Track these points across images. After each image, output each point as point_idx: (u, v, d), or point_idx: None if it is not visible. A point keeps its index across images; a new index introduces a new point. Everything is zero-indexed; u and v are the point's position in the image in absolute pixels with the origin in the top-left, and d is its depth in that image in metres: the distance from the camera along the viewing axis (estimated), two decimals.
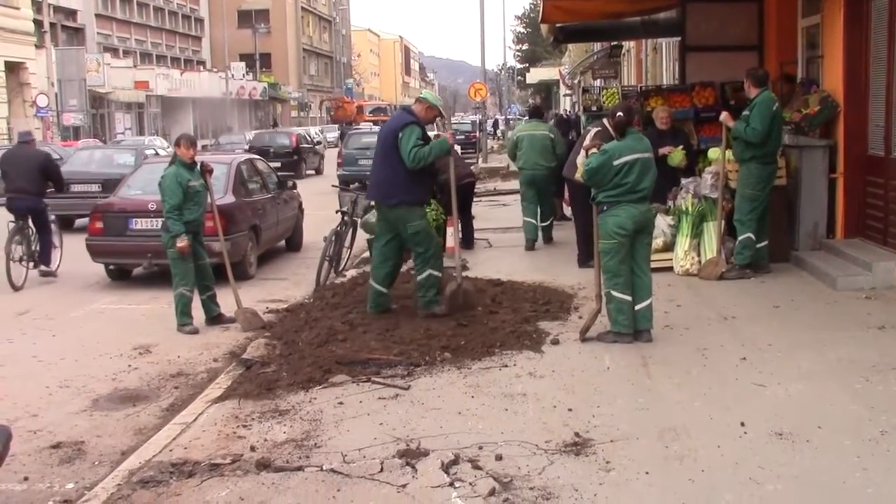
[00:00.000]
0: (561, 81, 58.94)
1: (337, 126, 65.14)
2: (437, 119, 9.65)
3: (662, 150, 11.20)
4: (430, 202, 12.73)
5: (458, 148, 32.37)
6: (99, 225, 12.64)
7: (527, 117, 19.10)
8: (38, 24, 42.98)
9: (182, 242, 9.68)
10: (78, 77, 43.09)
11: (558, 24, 17.43)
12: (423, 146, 8.75)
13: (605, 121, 11.26)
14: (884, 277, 9.61)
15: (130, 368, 8.50)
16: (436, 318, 8.86)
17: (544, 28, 19.35)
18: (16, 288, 12.55)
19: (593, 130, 10.71)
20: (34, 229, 13.36)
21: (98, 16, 55.66)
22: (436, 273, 9.10)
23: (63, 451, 6.38)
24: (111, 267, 13.01)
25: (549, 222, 14.14)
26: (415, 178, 8.84)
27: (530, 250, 13.44)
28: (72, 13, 52.09)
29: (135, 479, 5.48)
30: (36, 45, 42.85)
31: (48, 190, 13.93)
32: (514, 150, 14.26)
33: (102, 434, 6.76)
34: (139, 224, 12.49)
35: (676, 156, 11.49)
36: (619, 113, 8.05)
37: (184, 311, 9.87)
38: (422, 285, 9.10)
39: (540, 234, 13.80)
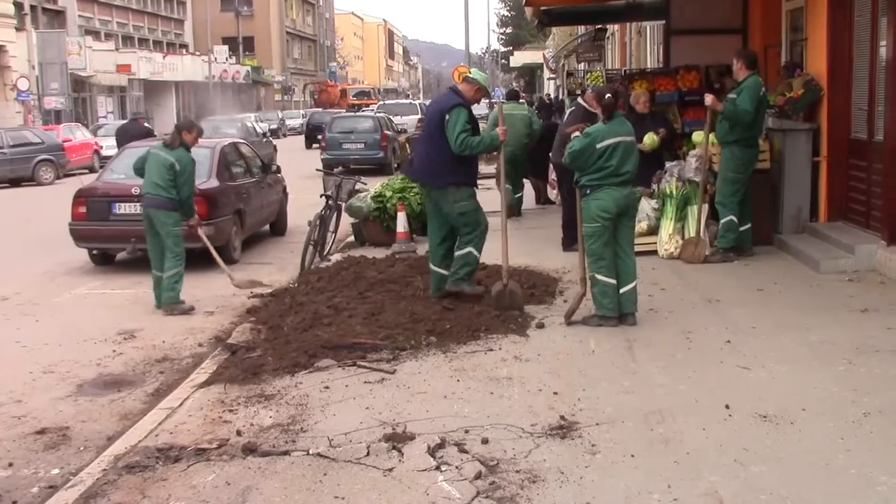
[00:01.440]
0: (545, 65, 58.90)
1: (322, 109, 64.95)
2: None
3: (640, 146, 11.23)
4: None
5: None
6: (82, 210, 12.56)
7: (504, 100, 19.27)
8: (18, 6, 42.59)
9: (196, 221, 10.36)
10: (59, 60, 42.77)
11: (543, 7, 17.41)
12: (471, 134, 8.54)
13: (579, 100, 11.28)
14: (866, 260, 9.66)
15: (115, 353, 8.47)
16: (455, 296, 8.80)
17: (529, 11, 19.35)
18: None
19: (569, 110, 10.73)
20: None
21: None
22: (475, 253, 8.88)
23: (48, 437, 6.36)
24: (94, 252, 12.94)
25: (520, 194, 15.29)
26: (462, 160, 8.64)
27: (515, 216, 14.30)
28: None
29: (121, 464, 5.47)
30: (16, 28, 42.43)
31: None
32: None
33: (87, 419, 6.75)
34: (122, 209, 12.40)
35: (647, 140, 11.43)
36: (609, 95, 8.05)
37: (180, 290, 10.01)
38: (458, 260, 8.88)
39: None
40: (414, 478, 5.02)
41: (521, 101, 17.48)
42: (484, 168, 25.43)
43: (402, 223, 12.24)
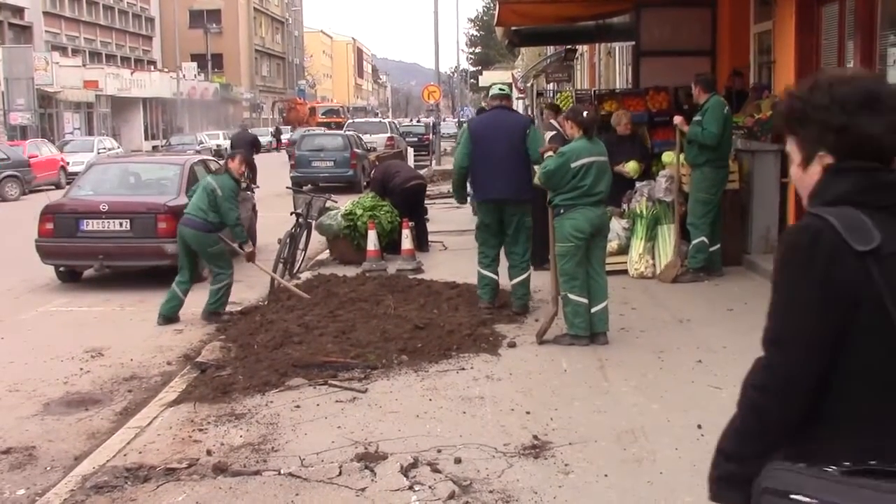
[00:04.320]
0: (514, 85, 59.14)
1: (290, 128, 64.76)
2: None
3: (617, 169, 11.30)
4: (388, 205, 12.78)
5: (411, 151, 32.24)
6: (49, 226, 12.43)
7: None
8: None
9: (250, 248, 10.36)
10: (25, 76, 42.43)
11: (514, 28, 17.49)
12: None
13: (553, 122, 11.34)
14: None
15: (82, 372, 8.37)
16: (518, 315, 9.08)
17: (499, 31, 19.44)
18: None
19: (548, 135, 10.76)
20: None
21: (46, 13, 54.81)
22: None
23: (13, 457, 6.26)
24: (61, 269, 12.81)
25: None
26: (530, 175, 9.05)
27: None
28: (19, 10, 51.26)
29: (88, 484, 5.39)
30: None
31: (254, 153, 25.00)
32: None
33: (54, 439, 6.65)
34: (90, 225, 12.30)
35: (631, 166, 11.50)
36: (586, 112, 8.13)
37: (227, 301, 10.19)
38: (523, 284, 9.24)
39: None
40: (387, 498, 4.99)
41: None
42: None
43: (372, 241, 12.21)
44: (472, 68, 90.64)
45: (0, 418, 7.09)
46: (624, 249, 11.06)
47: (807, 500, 2.05)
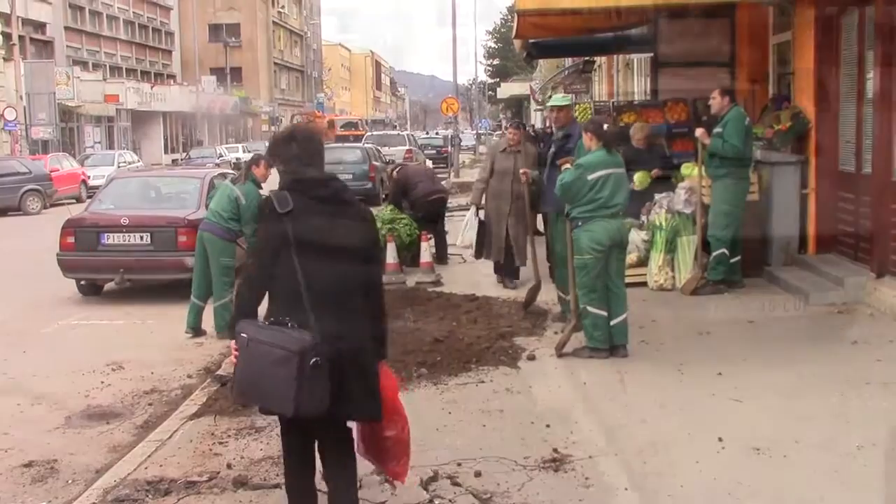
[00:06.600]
0: (532, 96, 59.14)
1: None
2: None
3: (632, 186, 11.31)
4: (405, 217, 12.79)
5: (429, 163, 32.35)
6: (70, 240, 12.50)
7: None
8: (6, 36, 42.61)
9: None
10: (47, 90, 42.72)
11: (532, 40, 17.48)
12: None
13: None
14: (855, 292, 9.67)
15: (103, 385, 8.41)
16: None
17: (517, 43, 19.41)
18: None
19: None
20: None
21: (67, 28, 55.20)
22: None
23: (35, 470, 6.30)
24: (82, 282, 12.87)
25: None
26: None
27: None
28: (41, 26, 51.65)
29: (110, 497, 5.42)
30: (4, 58, 42.46)
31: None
32: None
33: (76, 452, 6.69)
34: (111, 239, 12.35)
35: (638, 178, 11.41)
36: (606, 125, 8.15)
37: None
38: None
39: None
40: None
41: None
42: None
43: (391, 254, 12.21)
44: (490, 80, 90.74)
45: (22, 431, 7.14)
46: (643, 261, 11.02)
47: (245, 335, 4.19)
